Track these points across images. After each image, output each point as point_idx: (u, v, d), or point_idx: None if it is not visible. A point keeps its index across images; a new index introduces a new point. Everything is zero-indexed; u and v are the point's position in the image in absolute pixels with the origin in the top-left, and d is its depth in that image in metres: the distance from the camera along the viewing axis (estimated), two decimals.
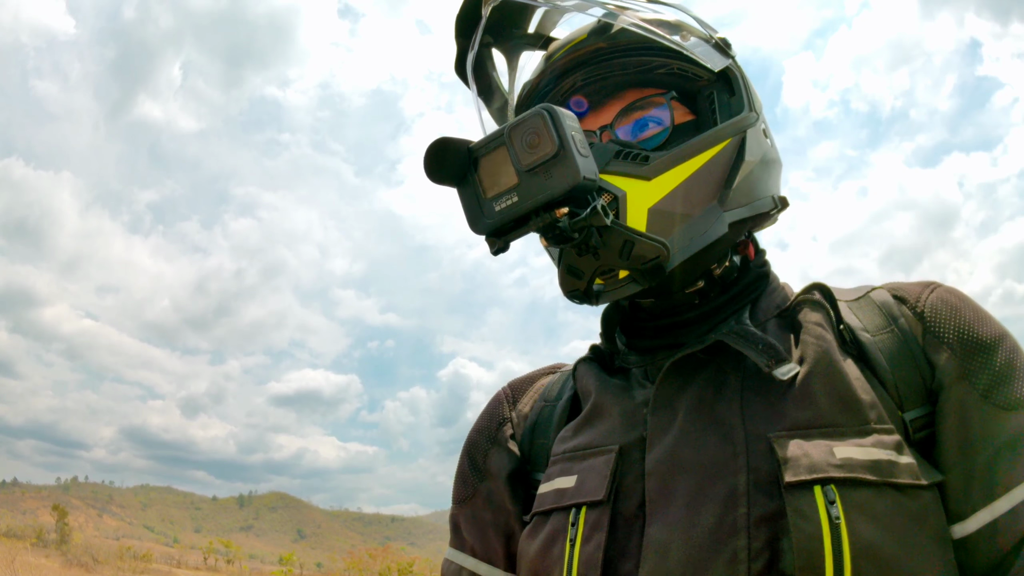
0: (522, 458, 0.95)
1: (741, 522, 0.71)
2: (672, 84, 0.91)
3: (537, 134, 0.70)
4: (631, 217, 0.79)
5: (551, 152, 0.69)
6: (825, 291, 0.87)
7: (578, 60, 0.92)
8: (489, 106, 1.02)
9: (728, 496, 0.72)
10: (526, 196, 0.71)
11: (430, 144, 0.73)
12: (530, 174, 0.71)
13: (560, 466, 0.86)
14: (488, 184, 0.73)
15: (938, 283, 0.86)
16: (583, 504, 0.80)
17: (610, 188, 0.79)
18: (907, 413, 0.78)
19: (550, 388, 1.00)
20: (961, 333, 0.80)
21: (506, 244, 0.75)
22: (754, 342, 0.80)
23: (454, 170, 0.74)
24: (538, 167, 0.70)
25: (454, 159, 0.74)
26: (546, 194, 0.70)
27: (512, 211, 0.72)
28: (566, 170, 0.69)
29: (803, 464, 0.71)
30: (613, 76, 0.91)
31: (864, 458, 0.71)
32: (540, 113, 0.70)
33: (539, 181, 0.70)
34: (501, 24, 0.97)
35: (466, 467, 0.99)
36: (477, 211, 0.74)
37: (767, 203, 0.90)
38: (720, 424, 0.77)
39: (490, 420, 1.00)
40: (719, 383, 0.81)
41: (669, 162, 0.82)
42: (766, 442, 0.74)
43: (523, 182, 0.71)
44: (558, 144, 0.69)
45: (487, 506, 0.95)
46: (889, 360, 0.80)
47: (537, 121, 0.70)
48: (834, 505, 0.68)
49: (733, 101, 0.90)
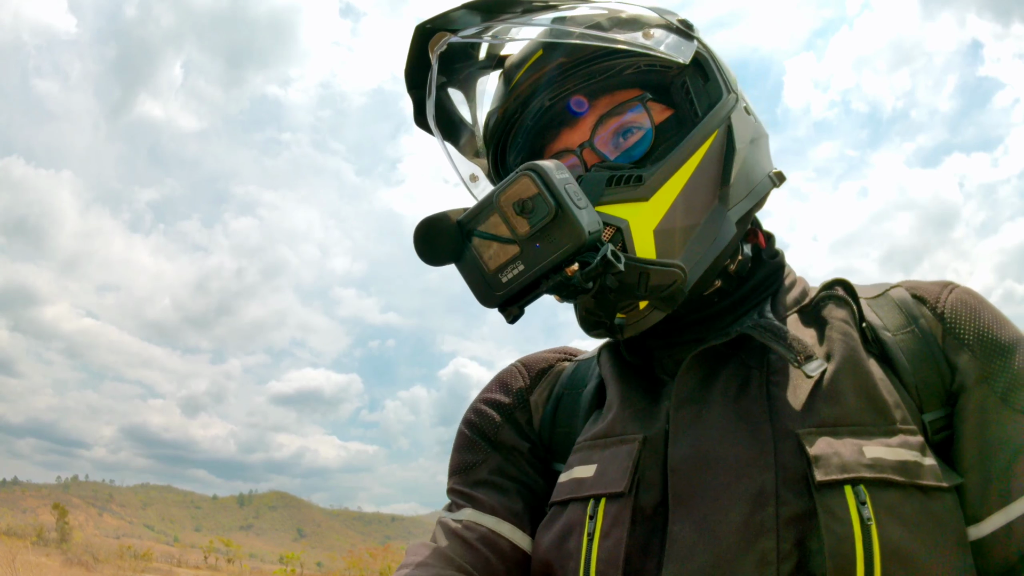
0: (542, 447, 0.92)
1: (769, 522, 0.69)
2: (643, 82, 0.88)
3: (529, 198, 0.67)
4: (638, 244, 0.77)
5: (549, 216, 0.66)
6: (848, 287, 0.86)
7: (540, 81, 0.88)
8: (458, 143, 0.99)
9: (756, 495, 0.71)
10: (532, 263, 0.68)
11: (416, 227, 0.71)
12: (530, 240, 0.68)
13: (580, 454, 0.84)
14: (488, 257, 0.71)
15: (955, 283, 0.85)
16: (602, 495, 0.77)
17: (611, 220, 0.76)
18: (926, 415, 0.78)
19: (572, 375, 0.97)
20: (981, 335, 0.79)
21: (521, 310, 0.73)
22: (781, 336, 0.78)
23: (449, 248, 0.71)
24: (538, 232, 0.67)
25: (446, 237, 0.71)
26: (553, 258, 0.67)
27: (521, 281, 0.69)
28: (569, 231, 0.66)
29: (834, 463, 0.70)
30: (581, 88, 0.87)
31: (893, 458, 0.71)
32: (527, 174, 0.67)
33: (541, 246, 0.68)
34: (451, 61, 0.94)
35: (474, 437, 0.94)
36: (483, 285, 0.72)
37: (766, 184, 0.88)
38: (746, 419, 0.76)
39: (506, 395, 0.96)
40: (743, 377, 0.79)
41: (663, 176, 0.79)
42: (794, 439, 0.72)
43: (525, 249, 0.68)
44: (555, 207, 0.66)
45: (503, 473, 0.90)
46: (910, 360, 0.79)
47: (526, 184, 0.67)
48: (865, 506, 0.67)
49: (709, 87, 0.87)
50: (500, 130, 0.93)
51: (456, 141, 0.99)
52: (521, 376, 0.98)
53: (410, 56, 0.89)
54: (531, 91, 0.88)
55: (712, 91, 0.86)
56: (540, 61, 0.87)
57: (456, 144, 0.99)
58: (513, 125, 0.92)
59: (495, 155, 0.95)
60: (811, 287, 0.91)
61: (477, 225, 0.71)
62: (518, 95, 0.89)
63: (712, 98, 0.86)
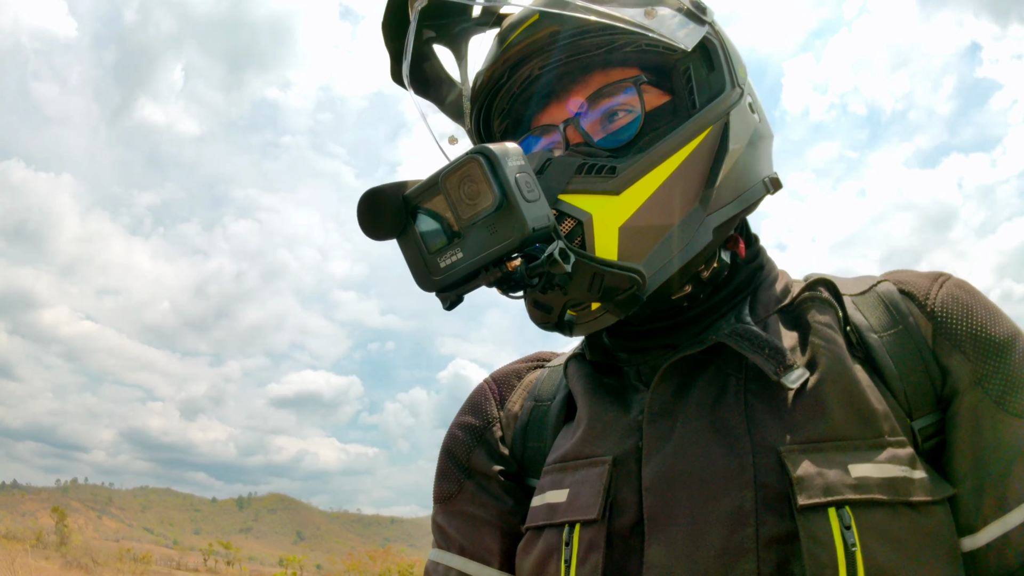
0: (515, 462, 0.89)
1: (749, 543, 0.66)
2: (643, 62, 0.82)
3: (475, 182, 0.62)
4: (599, 241, 0.72)
5: (492, 205, 0.61)
6: (832, 288, 0.81)
7: (533, 47, 0.81)
8: (442, 102, 0.93)
9: (734, 514, 0.67)
10: (472, 252, 0.64)
11: (362, 196, 0.67)
12: (472, 228, 0.64)
13: (551, 478, 0.80)
14: (430, 238, 0.67)
15: (947, 275, 0.80)
16: (575, 522, 0.74)
17: (572, 212, 0.72)
18: (916, 421, 0.73)
19: (540, 386, 0.93)
20: (975, 335, 0.75)
21: (459, 298, 0.68)
22: (759, 345, 0.74)
23: (392, 222, 0.67)
24: (480, 221, 0.63)
25: (391, 210, 0.67)
26: (492, 251, 0.63)
27: (458, 269, 0.65)
28: (512, 223, 0.62)
29: (817, 484, 0.66)
30: (574, 60, 0.82)
31: (879, 476, 0.67)
32: (475, 159, 0.62)
33: (484, 235, 0.63)
34: (439, 16, 0.87)
35: (449, 464, 0.91)
36: (421, 266, 0.68)
37: (757, 191, 0.82)
38: (723, 432, 0.72)
39: (475, 417, 0.93)
40: (720, 386, 0.75)
41: (640, 170, 0.74)
42: (775, 455, 0.69)
43: (466, 236, 0.64)
44: (500, 196, 0.61)
45: (475, 502, 0.87)
46: (898, 364, 0.75)
47: (473, 168, 0.62)
48: (850, 530, 0.64)
49: (712, 78, 0.80)
50: (485, 93, 0.87)
51: (440, 99, 0.92)
52: (491, 392, 0.94)
53: (388, 7, 0.83)
54: (521, 56, 0.83)
55: (715, 82, 0.80)
56: (534, 26, 0.81)
57: (440, 103, 0.92)
58: (500, 89, 0.87)
59: (478, 117, 0.90)
60: (795, 281, 0.86)
61: (423, 202, 0.66)
62: (507, 59, 0.83)
63: (714, 90, 0.79)
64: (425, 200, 0.66)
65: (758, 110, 0.85)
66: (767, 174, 0.84)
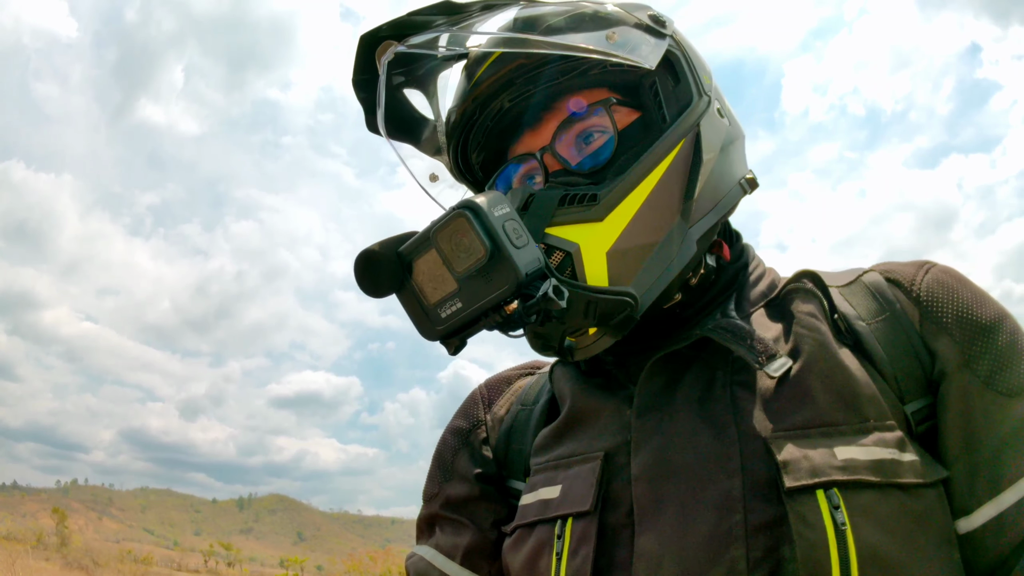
0: (496, 463, 0.91)
1: (738, 530, 0.67)
2: (611, 82, 0.83)
3: (464, 236, 0.66)
4: (589, 269, 0.73)
5: (484, 257, 0.65)
6: (816, 279, 0.82)
7: (499, 81, 0.83)
8: (418, 141, 0.95)
9: (723, 502, 0.68)
10: (470, 301, 0.68)
11: (355, 260, 0.70)
12: (467, 279, 0.67)
13: (544, 475, 0.82)
14: (428, 290, 0.70)
15: (932, 262, 0.82)
16: (569, 515, 0.76)
17: (560, 245, 0.74)
18: (908, 405, 0.74)
19: (527, 391, 0.95)
20: (961, 317, 0.76)
21: (463, 342, 0.72)
22: (742, 336, 0.76)
23: (389, 278, 0.70)
24: (475, 272, 0.66)
25: (387, 268, 0.70)
26: (489, 299, 0.66)
27: (459, 319, 0.69)
28: (505, 272, 0.65)
29: (804, 467, 0.67)
30: (543, 89, 0.83)
31: (867, 458, 0.68)
32: (462, 214, 0.66)
33: (479, 284, 0.66)
34: (404, 64, 0.90)
35: (435, 467, 0.95)
36: (423, 317, 0.71)
37: (735, 194, 0.84)
38: (710, 423, 0.73)
39: (463, 420, 0.96)
40: (707, 380, 0.77)
41: (619, 194, 0.75)
42: (762, 443, 0.70)
43: (462, 287, 0.68)
44: (490, 248, 0.65)
45: (448, 506, 0.91)
46: (887, 349, 0.76)
47: (461, 224, 0.66)
48: (839, 510, 0.65)
49: (679, 90, 0.82)
50: (460, 129, 0.89)
51: (416, 139, 0.95)
52: (481, 397, 0.97)
53: (356, 64, 0.86)
54: (490, 92, 0.84)
55: (682, 94, 0.81)
56: (500, 61, 0.82)
57: (416, 142, 0.95)
58: (473, 125, 0.88)
59: (455, 152, 0.91)
60: (781, 278, 0.87)
61: (416, 257, 0.70)
62: (476, 96, 0.84)
63: (681, 102, 0.81)
64: (419, 255, 0.69)
65: (727, 113, 0.86)
66: (742, 175, 0.85)
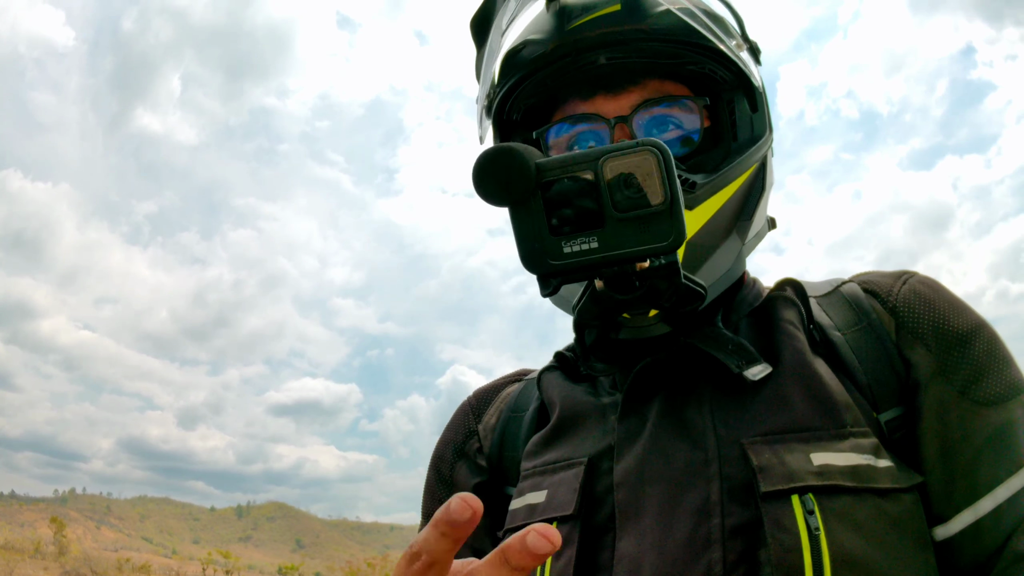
0: (491, 471, 0.93)
1: (715, 534, 0.68)
2: (697, 83, 0.83)
3: (646, 176, 0.57)
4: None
5: (658, 206, 0.57)
6: (797, 287, 0.84)
7: (606, 38, 0.79)
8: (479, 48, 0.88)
9: (700, 506, 0.69)
10: (610, 244, 0.58)
11: (489, 150, 0.59)
12: (622, 221, 0.58)
13: (531, 481, 0.84)
14: (557, 217, 0.59)
15: (911, 272, 0.82)
16: (553, 519, 0.77)
17: None
18: (882, 415, 0.75)
19: (516, 398, 0.97)
20: (937, 327, 0.76)
21: (558, 288, 0.64)
22: (723, 343, 0.77)
23: (517, 188, 0.58)
24: (634, 217, 0.57)
25: (519, 172, 0.58)
26: (639, 249, 0.58)
27: (586, 259, 0.58)
28: (670, 231, 0.57)
29: (779, 472, 0.68)
30: (639, 61, 0.81)
31: (842, 464, 0.68)
32: (652, 153, 0.57)
33: (632, 231, 0.58)
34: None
35: (433, 480, 0.96)
36: (536, 246, 0.59)
37: (765, 230, 0.87)
38: (690, 430, 0.74)
39: (456, 432, 0.98)
40: (689, 388, 0.78)
41: (712, 189, 0.77)
42: (739, 448, 0.71)
43: (610, 227, 0.58)
44: (668, 200, 0.57)
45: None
46: (861, 359, 0.77)
47: (648, 161, 0.57)
48: (813, 515, 0.65)
49: (756, 118, 0.83)
50: (535, 65, 0.83)
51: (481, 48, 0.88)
52: (471, 407, 0.98)
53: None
54: (594, 43, 0.79)
55: (757, 123, 0.83)
56: (616, 16, 0.79)
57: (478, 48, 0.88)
58: (552, 64, 0.82)
59: (516, 83, 0.85)
60: (766, 288, 0.89)
61: (560, 176, 0.58)
62: (579, 40, 0.80)
63: (755, 130, 0.83)
64: (566, 174, 0.58)
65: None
66: (769, 214, 0.90)
